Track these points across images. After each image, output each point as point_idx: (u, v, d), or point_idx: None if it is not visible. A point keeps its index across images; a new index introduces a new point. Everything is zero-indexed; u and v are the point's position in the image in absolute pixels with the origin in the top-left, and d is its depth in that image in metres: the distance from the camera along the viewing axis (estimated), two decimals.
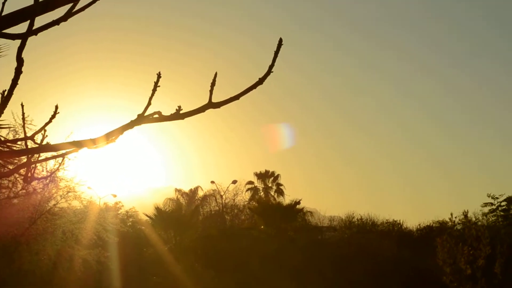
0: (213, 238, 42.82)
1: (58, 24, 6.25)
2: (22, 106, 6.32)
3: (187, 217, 43.92)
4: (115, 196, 44.72)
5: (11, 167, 15.14)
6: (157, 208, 44.09)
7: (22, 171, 7.35)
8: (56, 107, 6.20)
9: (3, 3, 6.16)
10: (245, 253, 42.65)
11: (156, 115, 5.84)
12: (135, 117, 6.00)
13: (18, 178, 28.84)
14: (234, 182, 58.86)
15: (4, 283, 32.25)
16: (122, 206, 46.85)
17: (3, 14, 6.15)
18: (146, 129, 6.26)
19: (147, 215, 45.25)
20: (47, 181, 28.61)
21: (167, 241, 41.57)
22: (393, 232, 50.40)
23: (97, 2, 6.37)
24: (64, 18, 6.24)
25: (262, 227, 46.91)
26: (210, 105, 5.61)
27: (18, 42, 6.36)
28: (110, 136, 6.20)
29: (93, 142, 6.41)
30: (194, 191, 55.73)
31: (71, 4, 6.12)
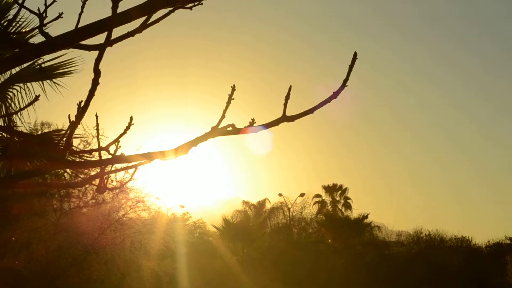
0: (281, 251, 42.78)
1: (133, 36, 6.34)
2: (97, 116, 6.38)
3: (255, 229, 43.97)
4: (183, 207, 45.02)
5: (83, 176, 15.38)
6: (225, 220, 44.29)
7: (95, 181, 7.43)
8: (131, 118, 6.24)
9: (80, 15, 6.26)
10: (312, 266, 42.54)
11: (230, 128, 5.84)
12: (208, 129, 6.02)
13: (88, 188, 29.41)
14: (302, 195, 58.68)
15: None
16: (190, 217, 47.10)
17: (79, 26, 6.25)
18: (215, 140, 6.24)
19: (215, 226, 45.46)
20: (117, 191, 28.95)
21: (235, 253, 41.68)
22: (461, 248, 49.77)
23: (171, 14, 6.45)
24: (139, 29, 6.32)
25: (329, 240, 46.73)
26: (284, 118, 5.59)
27: (92, 53, 6.46)
28: (183, 148, 6.23)
29: (166, 154, 6.45)
30: (261, 203, 55.68)
31: (145, 17, 6.20)
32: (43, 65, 14.01)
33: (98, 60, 5.52)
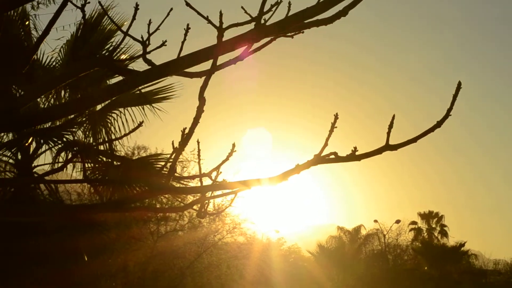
0: (376, 277, 42.34)
1: (235, 63, 6.39)
2: (198, 143, 6.42)
3: (350, 255, 43.67)
4: (277, 232, 45.07)
5: (180, 200, 15.48)
6: (320, 246, 44.13)
7: (195, 206, 7.49)
8: (233, 145, 6.27)
9: (182, 43, 6.35)
10: None
11: (333, 156, 5.80)
12: (305, 155, 6.00)
13: (184, 212, 29.74)
14: (398, 221, 58.00)
15: None
16: (285, 242, 47.07)
17: (183, 54, 6.34)
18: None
19: (310, 252, 45.34)
20: (214, 216, 29.21)
21: (330, 279, 41.41)
22: None
23: (273, 42, 6.48)
24: (241, 57, 6.38)
25: (425, 268, 46.05)
26: (388, 147, 5.53)
27: (189, 80, 6.54)
28: (285, 175, 6.22)
29: (269, 181, 6.46)
30: (357, 230, 55.30)
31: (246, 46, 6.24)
32: (143, 91, 14.28)
33: (203, 88, 5.58)
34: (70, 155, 15.65)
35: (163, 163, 14.56)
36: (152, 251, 29.24)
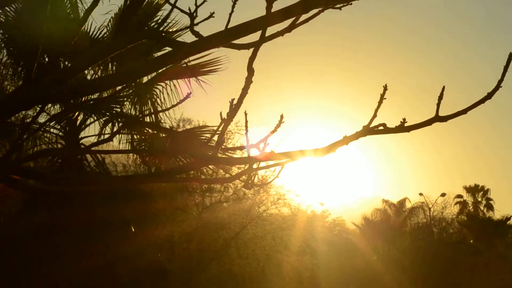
0: (421, 250, 42.14)
1: (282, 35, 6.37)
2: (246, 114, 6.41)
3: (395, 228, 43.48)
4: (322, 204, 44.99)
5: (223, 172, 15.49)
6: (365, 218, 44.01)
7: (242, 177, 7.51)
8: (281, 116, 6.26)
9: (230, 14, 6.34)
10: (453, 266, 41.73)
11: (382, 127, 5.78)
12: (356, 127, 5.97)
13: (229, 183, 29.87)
14: (443, 195, 57.57)
15: (214, 284, 33.27)
16: (329, 214, 47.03)
17: (231, 26, 6.33)
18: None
19: (355, 224, 45.27)
20: (255, 189, 29.22)
21: (375, 251, 41.33)
22: None
23: (321, 14, 6.43)
24: (289, 29, 6.35)
25: (471, 241, 45.70)
26: (437, 118, 5.49)
27: (234, 53, 6.55)
28: (333, 147, 6.21)
29: (316, 152, 6.45)
30: (401, 203, 55.02)
31: (293, 18, 6.21)
32: (189, 63, 14.32)
33: (252, 59, 5.60)
34: (116, 127, 15.79)
35: (208, 135, 14.63)
36: (197, 222, 29.44)
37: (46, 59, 11.20)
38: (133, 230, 16.10)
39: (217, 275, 32.20)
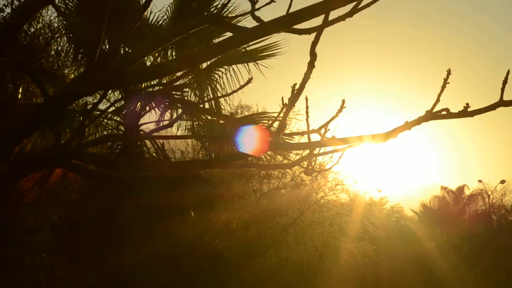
0: (480, 238, 41.64)
1: (343, 20, 6.32)
2: (307, 99, 6.39)
3: (453, 215, 43.01)
4: (380, 191, 44.65)
5: (282, 158, 15.45)
6: (424, 205, 43.62)
7: (302, 163, 7.49)
8: (343, 101, 6.24)
9: (291, 1, 6.31)
10: None
11: (444, 112, 5.71)
12: (419, 112, 5.90)
13: (287, 170, 29.87)
14: (503, 182, 56.76)
15: (272, 271, 33.36)
16: (387, 201, 46.67)
17: (292, 10, 6.29)
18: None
19: (413, 211, 44.91)
20: (314, 174, 29.12)
21: (433, 239, 40.98)
22: None
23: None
24: (350, 14, 6.29)
25: None
26: (501, 103, 5.41)
27: (295, 37, 6.49)
28: (395, 132, 6.16)
29: (377, 138, 6.40)
30: (460, 190, 54.43)
31: (355, 2, 6.15)
32: (248, 48, 14.33)
33: (315, 43, 5.57)
34: (176, 114, 15.88)
35: (268, 122, 14.63)
36: (255, 209, 29.54)
37: (107, 46, 11.32)
38: (192, 214, 16.21)
39: (274, 261, 32.28)
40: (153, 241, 15.96)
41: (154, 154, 17.02)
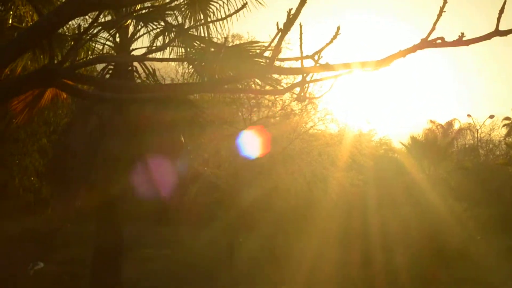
0: (467, 171, 42.01)
1: None
2: (301, 26, 6.36)
3: (442, 148, 43.19)
4: (369, 123, 44.75)
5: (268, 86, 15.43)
6: (412, 137, 43.70)
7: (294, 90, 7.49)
8: (338, 28, 6.22)
9: None
10: (498, 188, 41.73)
11: (439, 41, 5.70)
12: (413, 41, 5.89)
13: (277, 99, 29.80)
14: (491, 117, 57.18)
15: (261, 199, 33.63)
16: (376, 133, 46.76)
17: None
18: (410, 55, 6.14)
19: (402, 143, 45.05)
20: (306, 102, 29.03)
21: (421, 171, 41.22)
22: None
23: None
24: None
25: None
26: (497, 32, 5.41)
27: None
28: (388, 59, 6.16)
29: (368, 64, 6.40)
30: (449, 124, 54.80)
31: None
32: None
33: None
34: (168, 39, 15.81)
35: (259, 51, 14.57)
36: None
37: None
38: (182, 140, 16.28)
39: (264, 190, 32.49)
40: (142, 163, 16.02)
41: (145, 79, 17.01)
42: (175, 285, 24.79)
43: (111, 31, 16.88)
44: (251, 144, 27.94)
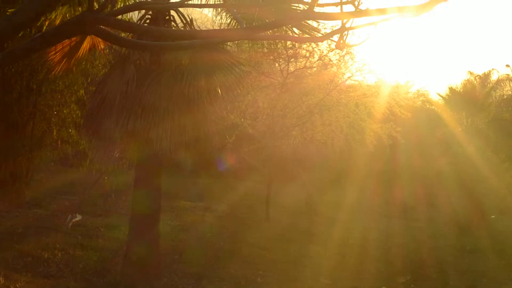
0: (506, 122, 41.50)
1: None
2: None
3: (480, 99, 42.68)
4: (407, 74, 44.44)
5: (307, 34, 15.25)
6: (451, 88, 43.21)
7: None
8: None
9: None
10: None
11: None
12: None
13: (315, 48, 29.55)
14: None
15: (296, 150, 33.68)
16: (413, 84, 46.36)
17: None
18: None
19: (439, 94, 44.60)
20: (344, 52, 28.79)
21: (459, 122, 40.85)
22: None
23: None
24: None
25: None
26: None
27: None
28: (431, 4, 6.03)
29: (408, 9, 6.28)
30: (487, 74, 53.96)
31: None
32: None
33: None
34: None
35: None
36: (281, 88, 29.46)
37: None
38: (220, 93, 16.23)
39: (299, 141, 32.51)
40: (179, 118, 16.01)
41: (182, 28, 16.96)
42: (212, 235, 24.97)
43: None
44: None
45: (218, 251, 22.59)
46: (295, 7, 12.35)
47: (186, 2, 8.39)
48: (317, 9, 6.87)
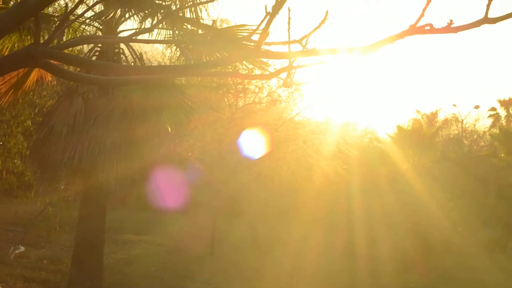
0: (451, 162, 42.12)
1: None
2: (289, 10, 6.32)
3: (427, 138, 43.22)
4: (354, 113, 44.95)
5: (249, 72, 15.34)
6: (398, 127, 43.70)
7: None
8: (326, 12, 6.16)
9: None
10: (483, 179, 41.83)
11: (428, 27, 5.67)
12: (401, 27, 5.87)
13: (265, 84, 29.73)
14: (476, 107, 57.45)
15: (245, 186, 33.61)
16: (361, 122, 46.80)
17: None
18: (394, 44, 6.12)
19: (386, 134, 45.08)
20: (292, 89, 29.03)
21: (406, 160, 41.27)
22: None
23: None
24: None
25: (502, 155, 45.43)
26: (486, 20, 5.36)
27: None
28: (377, 45, 6.12)
29: (359, 50, 6.36)
30: (434, 113, 55.06)
31: None
32: None
33: None
34: (156, 21, 15.71)
35: (247, 34, 14.50)
36: (229, 123, 29.49)
37: None
38: (169, 130, 16.23)
39: (246, 178, 32.47)
40: (126, 151, 15.93)
41: (131, 63, 16.93)
42: (157, 270, 24.74)
43: (97, 12, 16.80)
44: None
45: (162, 286, 22.39)
46: (246, 43, 12.49)
47: (133, 38, 8.38)
48: (265, 47, 6.94)
